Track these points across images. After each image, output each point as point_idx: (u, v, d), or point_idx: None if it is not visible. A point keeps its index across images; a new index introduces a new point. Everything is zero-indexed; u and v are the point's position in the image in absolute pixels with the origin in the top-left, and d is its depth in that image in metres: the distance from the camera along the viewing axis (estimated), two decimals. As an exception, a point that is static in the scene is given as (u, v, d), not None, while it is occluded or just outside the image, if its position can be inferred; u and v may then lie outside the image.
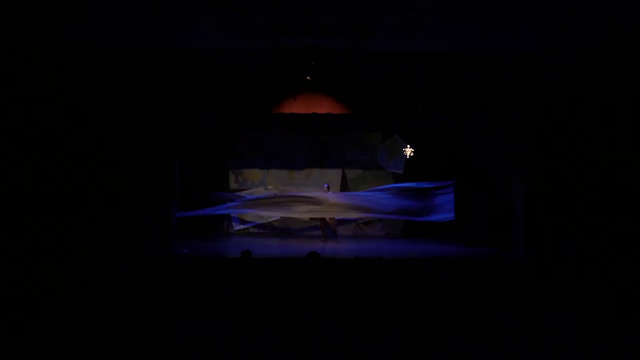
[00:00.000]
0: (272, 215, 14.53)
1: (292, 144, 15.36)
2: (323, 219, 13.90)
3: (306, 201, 13.57)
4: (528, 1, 8.28)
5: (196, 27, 9.56)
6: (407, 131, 14.95)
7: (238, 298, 7.51)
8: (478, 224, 12.91)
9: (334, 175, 15.34)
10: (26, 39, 10.08)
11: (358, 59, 11.17)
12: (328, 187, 13.93)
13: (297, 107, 11.94)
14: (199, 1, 8.32)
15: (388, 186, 14.60)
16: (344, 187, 15.30)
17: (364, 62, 11.28)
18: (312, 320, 8.25)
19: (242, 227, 15.19)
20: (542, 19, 9.03)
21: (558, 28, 9.50)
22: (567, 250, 10.66)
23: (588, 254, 10.41)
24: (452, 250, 12.43)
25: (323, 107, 12.03)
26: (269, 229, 15.19)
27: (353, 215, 14.29)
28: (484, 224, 12.76)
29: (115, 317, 7.64)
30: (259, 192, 15.16)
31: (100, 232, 10.87)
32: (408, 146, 14.51)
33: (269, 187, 15.25)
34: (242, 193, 15.06)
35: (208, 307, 7.59)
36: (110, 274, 9.29)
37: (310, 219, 14.60)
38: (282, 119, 13.05)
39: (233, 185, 15.31)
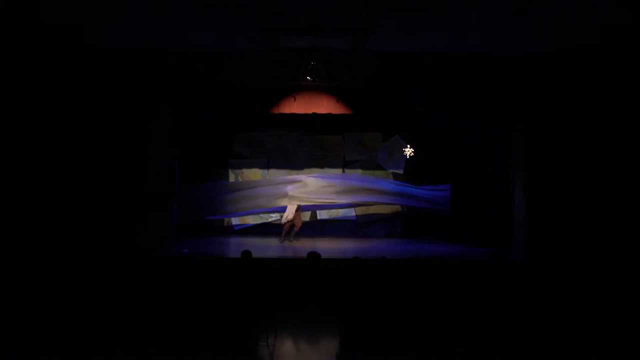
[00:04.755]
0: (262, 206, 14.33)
1: (292, 144, 15.36)
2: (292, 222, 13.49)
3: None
4: (527, 2, 8.27)
5: (196, 27, 9.56)
6: (407, 131, 14.94)
7: (238, 298, 7.50)
8: (478, 224, 12.91)
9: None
10: (27, 40, 10.08)
11: (358, 59, 11.17)
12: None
13: (297, 107, 11.94)
14: (199, 1, 8.32)
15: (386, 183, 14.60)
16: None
17: (364, 62, 11.28)
18: (311, 320, 8.26)
19: (242, 227, 15.19)
20: (541, 20, 9.03)
21: (557, 29, 9.50)
22: (567, 250, 10.66)
23: (588, 254, 10.41)
24: (452, 250, 12.43)
25: (323, 107, 12.03)
26: (269, 229, 15.18)
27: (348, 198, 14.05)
28: (484, 224, 12.76)
29: (115, 316, 7.65)
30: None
31: (100, 232, 10.87)
32: (408, 146, 14.50)
33: (269, 187, 15.23)
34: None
35: (208, 307, 7.60)
36: (110, 274, 9.30)
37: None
38: (282, 119, 13.05)
39: (233, 185, 15.30)
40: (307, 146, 15.37)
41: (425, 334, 7.08)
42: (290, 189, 13.58)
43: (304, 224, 14.07)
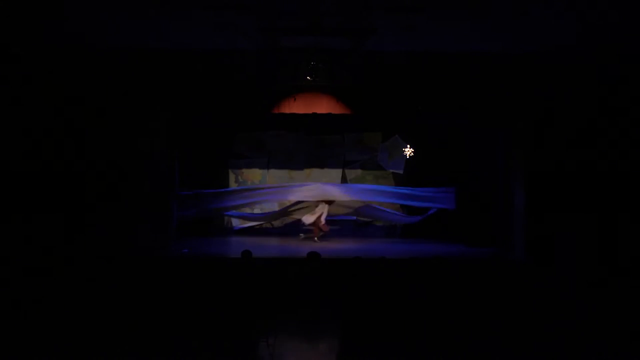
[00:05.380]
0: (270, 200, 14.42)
1: (292, 144, 15.36)
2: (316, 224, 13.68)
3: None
4: (527, 2, 8.27)
5: (196, 27, 9.56)
6: (407, 131, 14.94)
7: (238, 298, 7.51)
8: (478, 224, 12.91)
9: (334, 175, 15.34)
10: (27, 40, 10.08)
11: (358, 59, 11.17)
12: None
13: (297, 107, 11.95)
14: (200, 1, 8.32)
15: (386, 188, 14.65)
16: (344, 187, 15.31)
17: (364, 62, 11.28)
18: (311, 320, 8.26)
19: (242, 226, 15.19)
20: (540, 20, 9.03)
21: (557, 29, 9.49)
22: (567, 250, 10.67)
23: (587, 254, 10.41)
24: (452, 250, 12.43)
25: (323, 107, 12.03)
26: (269, 229, 15.19)
27: (351, 201, 14.23)
28: (484, 224, 12.76)
29: (115, 316, 7.65)
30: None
31: (101, 232, 10.87)
32: (408, 146, 14.50)
33: (269, 187, 15.24)
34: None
35: (208, 307, 7.60)
36: (110, 274, 9.30)
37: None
38: (282, 119, 13.05)
39: (233, 185, 15.32)
40: (307, 146, 15.37)
41: (425, 334, 7.08)
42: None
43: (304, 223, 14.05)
